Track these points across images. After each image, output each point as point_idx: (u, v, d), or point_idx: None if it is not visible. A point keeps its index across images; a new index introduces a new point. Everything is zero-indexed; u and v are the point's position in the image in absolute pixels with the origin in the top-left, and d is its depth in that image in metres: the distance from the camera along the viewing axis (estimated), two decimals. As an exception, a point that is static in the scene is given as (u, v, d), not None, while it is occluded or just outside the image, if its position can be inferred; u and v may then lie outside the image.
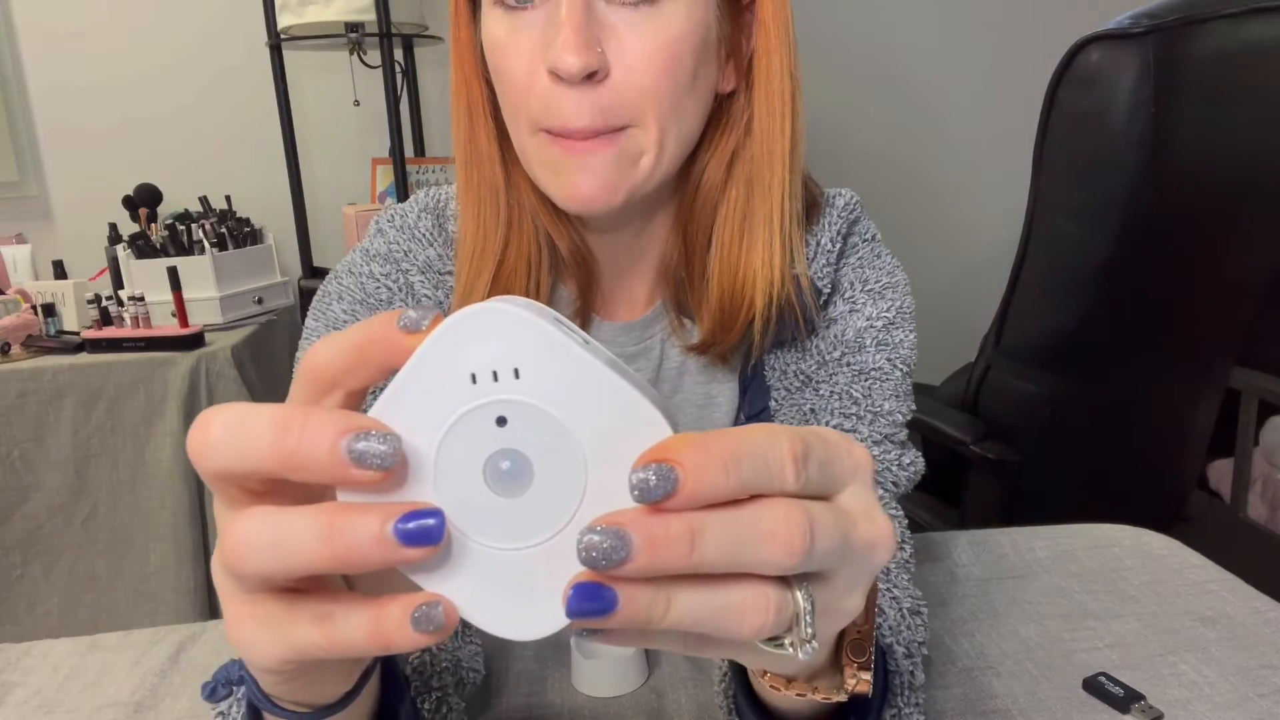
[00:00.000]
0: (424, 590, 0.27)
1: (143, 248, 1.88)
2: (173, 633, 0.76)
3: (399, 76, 2.03)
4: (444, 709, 0.50)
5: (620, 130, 0.51)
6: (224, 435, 0.26)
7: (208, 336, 1.79)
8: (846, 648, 0.37)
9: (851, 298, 0.63)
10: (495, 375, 0.26)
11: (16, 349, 1.78)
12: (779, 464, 0.25)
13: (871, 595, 0.36)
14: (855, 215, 0.64)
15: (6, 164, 2.26)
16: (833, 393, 0.62)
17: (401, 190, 2.03)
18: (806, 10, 0.54)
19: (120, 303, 1.78)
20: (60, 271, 1.99)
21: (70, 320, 1.90)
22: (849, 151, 2.45)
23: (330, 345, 0.27)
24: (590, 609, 0.24)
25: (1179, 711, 0.60)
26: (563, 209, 0.55)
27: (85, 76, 2.27)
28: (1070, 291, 1.26)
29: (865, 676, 0.36)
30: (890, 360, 0.62)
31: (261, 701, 0.34)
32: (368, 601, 0.27)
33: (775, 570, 0.25)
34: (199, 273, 1.87)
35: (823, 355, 0.62)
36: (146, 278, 1.84)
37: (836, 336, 0.62)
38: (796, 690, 0.37)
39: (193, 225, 1.96)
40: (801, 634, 0.27)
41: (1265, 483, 1.82)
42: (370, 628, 0.27)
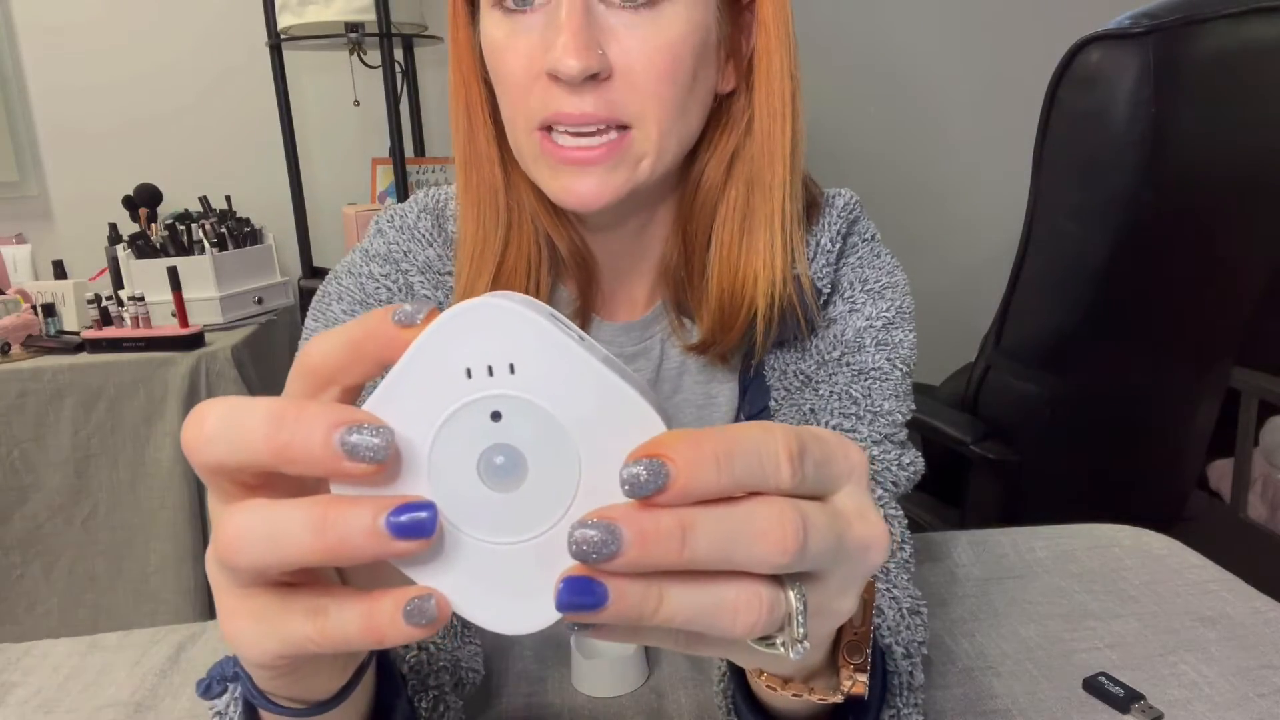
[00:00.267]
0: (417, 584, 0.27)
1: (143, 248, 1.88)
2: (173, 633, 0.76)
3: (399, 76, 2.03)
4: (441, 707, 0.50)
5: (621, 131, 0.51)
6: (219, 428, 0.26)
7: (208, 336, 1.79)
8: (843, 649, 0.37)
9: (851, 297, 0.63)
10: (490, 370, 0.26)
11: (16, 349, 1.78)
12: (773, 462, 0.25)
13: (869, 596, 0.36)
14: (855, 215, 0.64)
15: (6, 164, 2.26)
16: (832, 393, 0.61)
17: (401, 190, 2.03)
18: (806, 10, 0.54)
19: (120, 303, 1.78)
20: (60, 271, 1.99)
21: (70, 320, 1.90)
22: (849, 151, 2.45)
23: (325, 341, 0.27)
24: (580, 603, 0.24)
25: (1179, 711, 0.60)
26: (562, 208, 0.55)
27: (85, 76, 2.27)
28: (1070, 291, 1.26)
29: (861, 678, 0.36)
30: (890, 360, 0.62)
31: (256, 698, 0.34)
32: (360, 595, 0.27)
33: (768, 568, 0.25)
34: (199, 273, 1.87)
35: (822, 355, 0.62)
36: (146, 278, 1.84)
37: (836, 336, 0.62)
38: (793, 691, 0.37)
39: (193, 225, 1.96)
40: (794, 634, 0.27)
41: (1265, 483, 1.82)
42: (363, 621, 0.27)
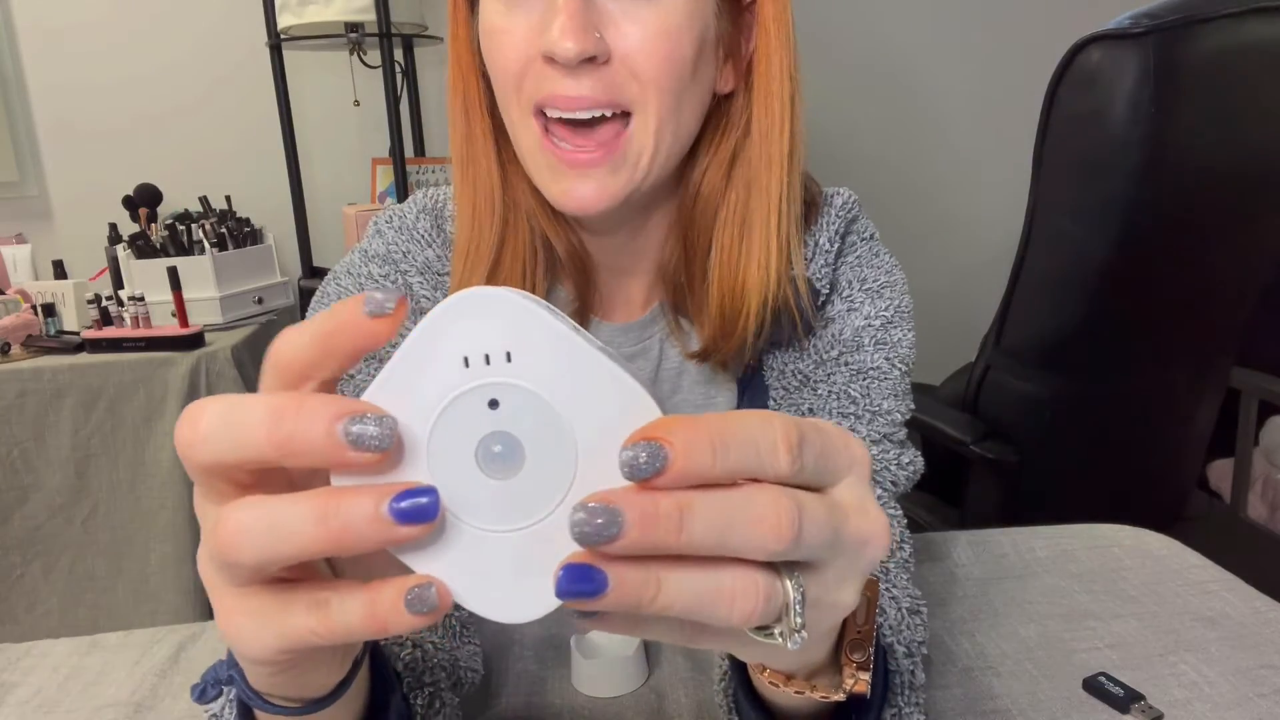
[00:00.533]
0: (416, 573, 0.27)
1: (143, 248, 1.88)
2: (173, 633, 0.76)
3: (399, 76, 2.03)
4: (437, 704, 0.50)
5: (620, 118, 0.51)
6: (216, 425, 0.26)
7: (208, 336, 1.78)
8: (846, 646, 0.36)
9: (849, 297, 0.63)
10: (487, 358, 0.26)
11: (16, 349, 1.78)
12: (771, 449, 0.25)
13: (871, 594, 0.36)
14: (853, 214, 0.64)
15: (6, 164, 2.26)
16: (830, 392, 0.61)
17: (401, 190, 2.03)
18: (806, 10, 0.54)
19: (120, 303, 1.78)
20: (60, 271, 1.99)
21: (70, 320, 1.90)
22: (849, 151, 2.45)
23: (296, 337, 0.27)
24: (580, 590, 0.24)
25: (1179, 711, 0.60)
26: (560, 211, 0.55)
27: (85, 76, 2.27)
28: (1070, 291, 1.26)
29: (864, 677, 0.36)
30: (888, 359, 0.62)
31: (252, 699, 0.34)
32: (361, 586, 0.27)
33: (763, 555, 0.25)
34: (199, 273, 1.87)
35: (821, 355, 0.62)
36: (146, 278, 1.84)
37: (834, 336, 0.62)
38: (795, 688, 0.37)
39: (193, 225, 1.96)
40: (791, 624, 0.27)
41: (1265, 483, 1.82)
42: (365, 610, 0.27)
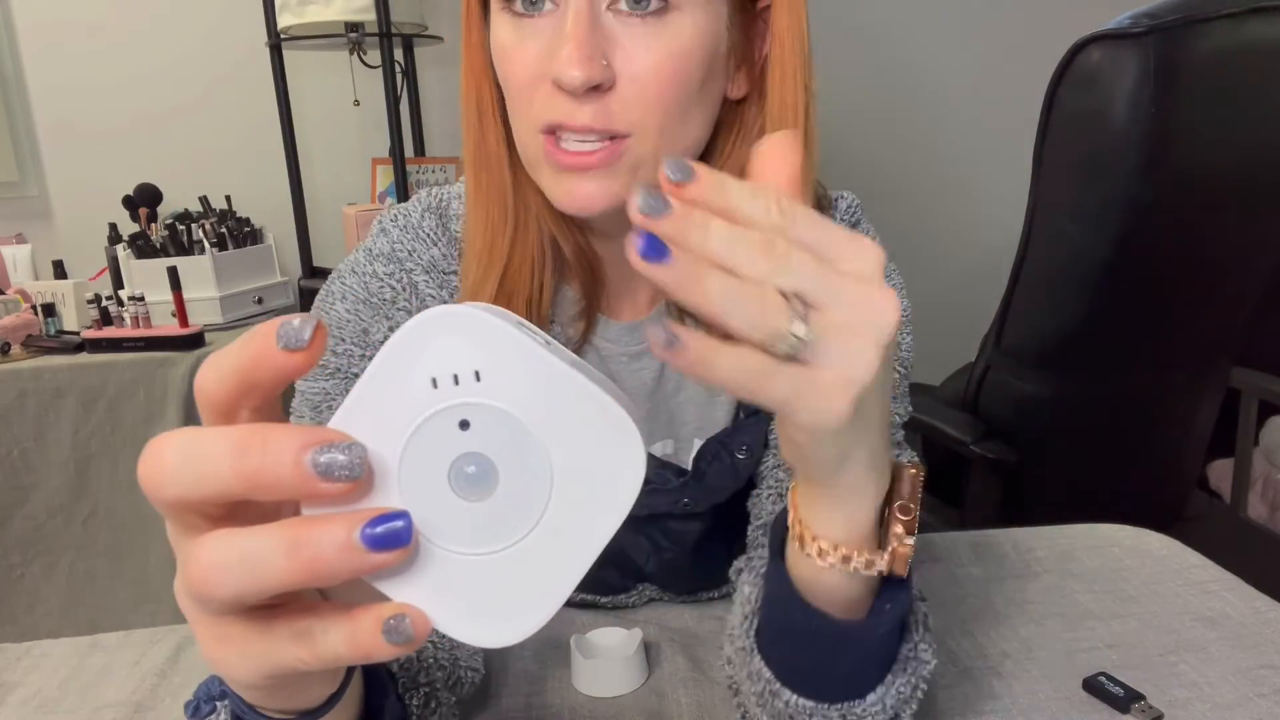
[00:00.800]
0: (393, 601, 0.27)
1: (143, 248, 1.88)
2: (173, 633, 0.76)
3: (399, 76, 2.03)
4: (432, 704, 0.50)
5: (620, 139, 0.51)
6: (179, 461, 0.25)
7: (208, 336, 1.78)
8: (894, 509, 0.39)
9: None
10: (456, 379, 0.26)
11: (16, 349, 1.78)
12: (764, 199, 0.30)
13: (915, 472, 0.39)
14: (856, 218, 0.65)
15: (6, 164, 2.26)
16: (832, 393, 0.61)
17: (401, 190, 2.03)
18: (811, 10, 0.54)
19: (120, 303, 1.78)
20: (60, 271, 1.99)
21: (70, 320, 1.90)
22: (849, 151, 2.45)
23: (214, 372, 0.26)
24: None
25: (1179, 711, 0.60)
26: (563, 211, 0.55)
27: (85, 76, 2.27)
28: (1070, 291, 1.26)
29: (909, 542, 0.39)
30: None
31: (247, 713, 0.34)
32: (342, 614, 0.27)
33: (756, 270, 0.29)
34: (199, 273, 1.87)
35: None
36: (146, 278, 1.84)
37: None
38: (842, 554, 0.39)
39: (193, 225, 1.96)
40: (799, 331, 0.30)
41: (1265, 483, 1.82)
42: (348, 640, 0.26)
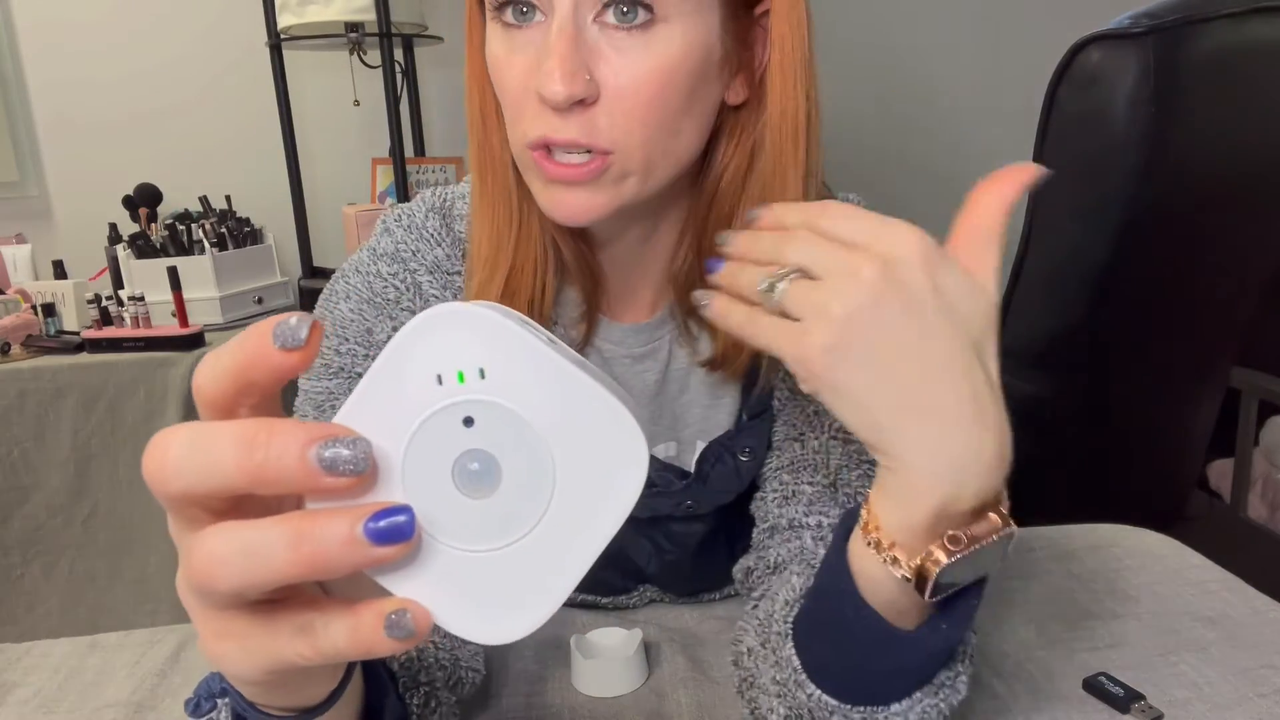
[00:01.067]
0: (395, 595, 0.27)
1: (143, 248, 1.88)
2: (172, 633, 0.76)
3: (399, 76, 2.03)
4: (433, 703, 0.50)
5: (605, 154, 0.50)
6: (184, 456, 0.25)
7: (208, 336, 1.78)
8: (945, 537, 0.39)
9: None
10: (461, 376, 0.26)
11: (16, 349, 1.78)
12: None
13: (986, 502, 0.39)
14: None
15: (6, 163, 2.26)
16: (835, 394, 0.62)
17: (401, 190, 2.03)
18: (810, 17, 0.54)
19: (120, 303, 1.78)
20: (60, 271, 1.99)
21: (70, 320, 1.90)
22: (848, 151, 2.45)
23: (211, 372, 0.26)
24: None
25: (1179, 711, 0.60)
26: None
27: (85, 76, 2.27)
28: (1070, 291, 1.26)
29: (939, 556, 0.39)
30: None
31: (247, 711, 0.34)
32: (344, 609, 0.27)
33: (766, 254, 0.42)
34: (199, 273, 1.87)
35: None
36: (146, 278, 1.84)
37: None
38: (888, 554, 0.40)
39: (193, 225, 1.96)
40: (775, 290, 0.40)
41: (1265, 483, 1.82)
42: (350, 635, 0.27)
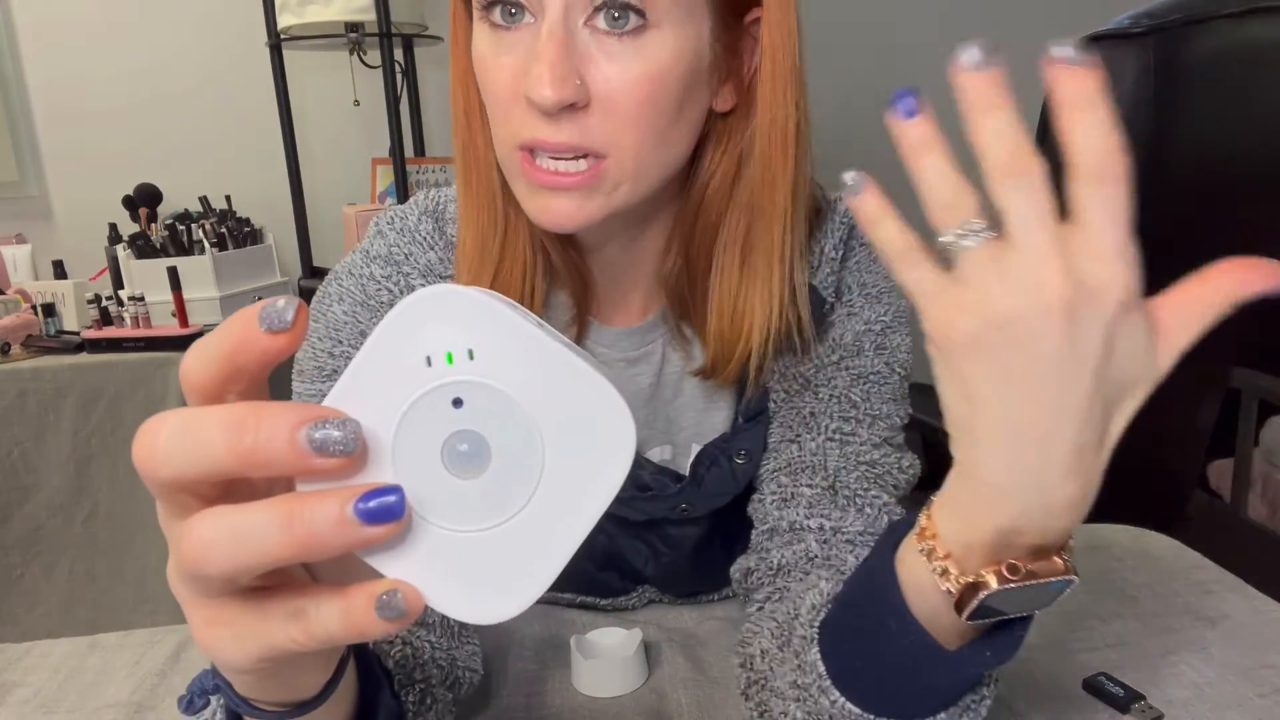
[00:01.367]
0: (386, 577, 0.27)
1: (143, 248, 1.88)
2: (173, 633, 0.76)
3: (399, 76, 2.03)
4: (428, 700, 0.50)
5: (599, 159, 0.50)
6: (175, 441, 0.25)
7: (208, 336, 1.78)
8: (1005, 564, 0.37)
9: (849, 301, 0.63)
10: (450, 357, 0.26)
11: (16, 349, 1.78)
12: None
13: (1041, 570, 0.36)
14: (854, 220, 0.64)
15: (6, 164, 2.26)
16: (832, 396, 0.62)
17: (401, 190, 2.03)
18: (805, 9, 0.54)
19: (120, 303, 1.78)
20: (60, 271, 1.99)
21: (70, 320, 1.90)
22: (848, 151, 2.44)
23: (201, 357, 0.26)
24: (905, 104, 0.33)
25: (1179, 711, 0.60)
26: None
27: (85, 75, 2.27)
28: (1070, 291, 1.26)
29: (989, 580, 0.36)
30: (888, 364, 0.62)
31: (240, 705, 0.33)
32: (336, 592, 0.27)
33: (988, 161, 0.33)
34: (199, 273, 1.87)
35: (821, 359, 0.62)
36: (146, 278, 1.84)
37: (835, 340, 0.62)
38: (937, 566, 0.37)
39: (193, 225, 1.96)
40: (961, 243, 0.33)
41: (1265, 483, 1.82)
42: (342, 617, 0.27)
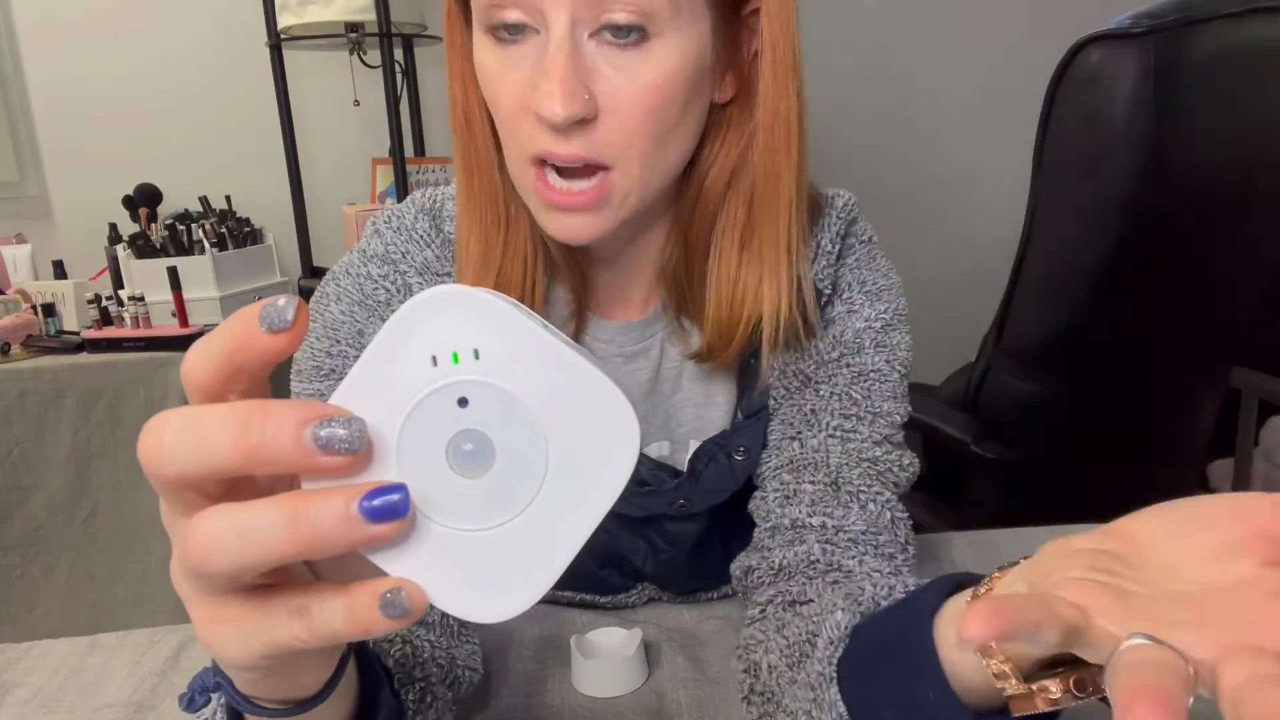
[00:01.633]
0: (390, 575, 0.27)
1: (143, 248, 1.88)
2: (173, 633, 0.76)
3: (399, 76, 2.03)
4: (428, 698, 0.50)
5: (605, 171, 0.51)
6: (180, 439, 0.25)
7: (208, 336, 1.78)
8: (1073, 675, 0.33)
9: (849, 299, 0.63)
10: (455, 356, 0.26)
11: (16, 349, 1.78)
12: None
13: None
14: (853, 216, 0.65)
15: (6, 164, 2.26)
16: (833, 393, 0.62)
17: (401, 190, 2.03)
18: (805, 9, 0.54)
19: (120, 303, 1.78)
20: (60, 271, 1.99)
21: (70, 320, 1.90)
22: (849, 151, 2.45)
23: (201, 357, 0.26)
24: None
25: None
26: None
27: (85, 76, 2.27)
28: (1070, 292, 1.26)
29: (1050, 700, 0.32)
30: (889, 362, 0.62)
31: (241, 703, 0.33)
32: (339, 589, 0.27)
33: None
34: (199, 273, 1.87)
35: (821, 356, 0.62)
36: (146, 278, 1.84)
37: (835, 337, 0.62)
38: (992, 663, 0.33)
39: (193, 225, 1.96)
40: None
41: (1265, 483, 1.82)
42: (345, 614, 0.27)
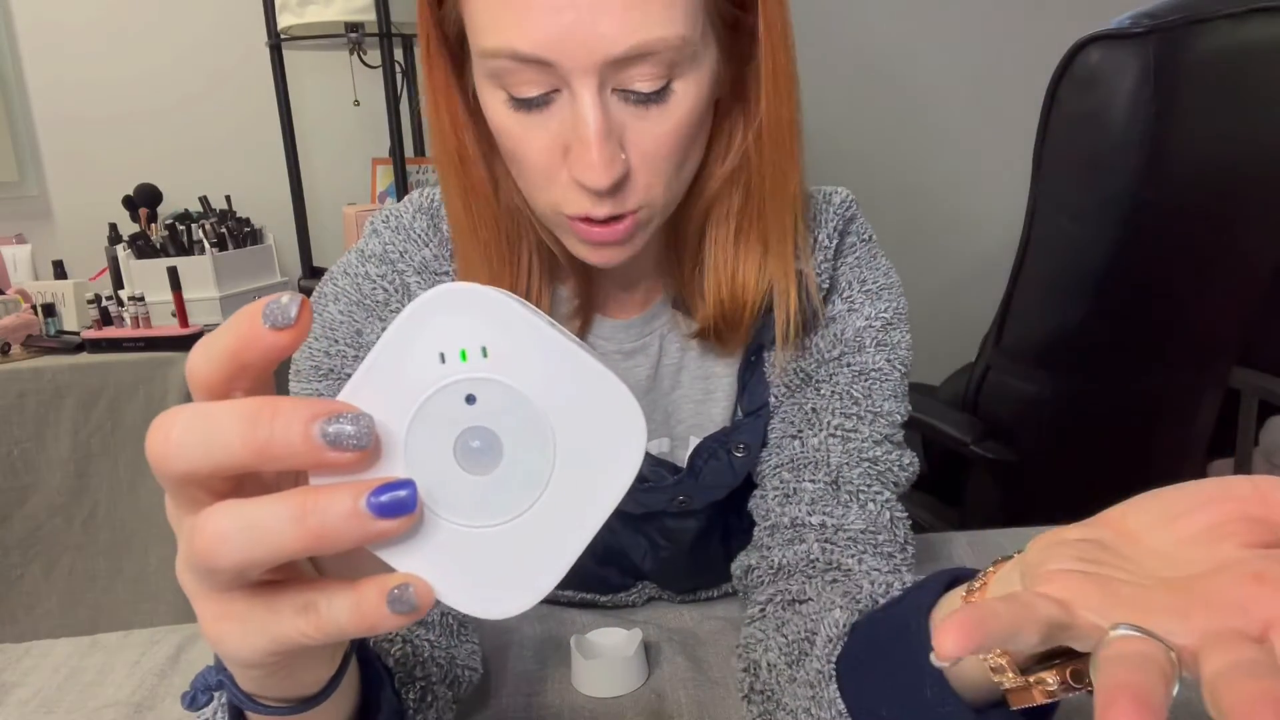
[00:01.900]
0: (397, 571, 0.27)
1: (143, 248, 1.88)
2: (173, 633, 0.76)
3: (399, 76, 2.03)
4: (429, 698, 0.50)
5: (635, 211, 0.52)
6: (188, 435, 0.25)
7: (208, 336, 1.78)
8: (1070, 668, 0.33)
9: (850, 297, 0.63)
10: (464, 354, 0.26)
11: (16, 349, 1.78)
12: None
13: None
14: (851, 213, 0.65)
15: (6, 164, 2.26)
16: (834, 392, 0.62)
17: (401, 190, 2.03)
18: (805, 8, 0.54)
19: (120, 303, 1.78)
20: (60, 271, 1.99)
21: (70, 320, 1.90)
22: (849, 151, 2.45)
23: (205, 355, 0.26)
24: None
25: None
26: None
27: (85, 76, 2.26)
28: (1070, 291, 1.26)
29: (1047, 691, 0.33)
30: (889, 361, 0.62)
31: (244, 701, 0.34)
32: (346, 585, 0.27)
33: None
34: (199, 273, 1.87)
35: (822, 354, 0.62)
36: (146, 278, 1.84)
37: (836, 336, 0.63)
38: (1003, 660, 0.33)
39: (193, 225, 1.96)
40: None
41: (1265, 483, 1.82)
42: (352, 610, 0.27)
